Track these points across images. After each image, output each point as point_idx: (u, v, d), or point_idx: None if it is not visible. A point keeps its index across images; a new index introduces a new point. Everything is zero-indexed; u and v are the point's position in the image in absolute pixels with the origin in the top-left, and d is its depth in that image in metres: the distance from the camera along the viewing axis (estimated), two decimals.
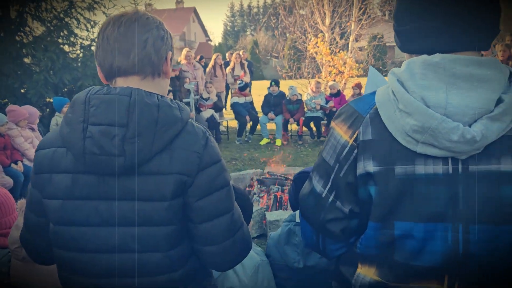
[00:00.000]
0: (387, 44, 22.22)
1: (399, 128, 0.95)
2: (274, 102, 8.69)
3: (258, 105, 9.13)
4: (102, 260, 1.12)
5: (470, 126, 0.90)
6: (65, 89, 7.96)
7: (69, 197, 1.11)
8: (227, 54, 12.24)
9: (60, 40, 7.97)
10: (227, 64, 10.83)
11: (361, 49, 13.58)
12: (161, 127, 1.07)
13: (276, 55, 14.07)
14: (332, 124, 1.09)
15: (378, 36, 18.79)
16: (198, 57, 12.40)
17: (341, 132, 1.05)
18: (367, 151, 0.99)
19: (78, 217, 1.11)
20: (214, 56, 10.01)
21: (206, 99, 8.62)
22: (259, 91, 9.71)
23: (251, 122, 8.85)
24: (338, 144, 1.05)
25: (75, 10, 8.10)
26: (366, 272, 1.06)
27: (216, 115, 8.86)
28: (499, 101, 0.90)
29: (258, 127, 8.82)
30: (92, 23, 8.35)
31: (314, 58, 11.07)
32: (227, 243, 1.15)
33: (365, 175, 1.00)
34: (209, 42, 53.20)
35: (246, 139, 8.86)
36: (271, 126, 8.85)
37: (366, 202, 1.03)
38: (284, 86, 8.95)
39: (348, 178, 1.03)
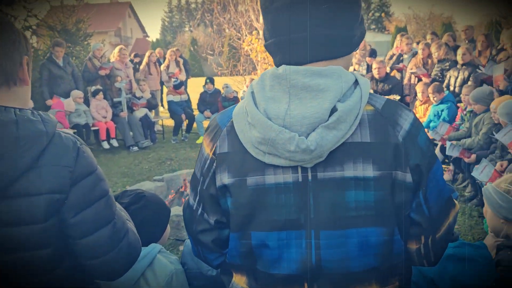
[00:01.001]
0: None
1: (248, 140, 0.97)
2: (210, 100, 8.63)
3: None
4: None
5: (308, 135, 0.92)
6: None
7: None
8: (156, 50, 11.45)
9: None
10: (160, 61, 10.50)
11: None
12: (23, 144, 0.97)
13: (211, 52, 13.92)
14: (202, 138, 1.09)
15: None
16: (133, 54, 11.85)
17: (205, 145, 1.08)
18: (223, 164, 1.02)
19: None
20: (147, 53, 9.70)
21: (139, 98, 8.36)
22: (198, 88, 9.55)
23: (187, 121, 8.73)
24: (202, 157, 1.08)
25: None
26: (238, 281, 1.09)
27: (151, 114, 8.63)
28: (334, 109, 0.92)
29: (195, 125, 8.72)
30: (11, 18, 7.78)
31: (249, 55, 11.08)
32: (112, 254, 1.10)
33: (223, 187, 1.02)
34: (147, 38, 51.76)
35: (182, 138, 8.73)
36: (207, 124, 8.75)
37: (229, 213, 1.04)
38: (221, 83, 8.89)
39: (211, 190, 1.05)
